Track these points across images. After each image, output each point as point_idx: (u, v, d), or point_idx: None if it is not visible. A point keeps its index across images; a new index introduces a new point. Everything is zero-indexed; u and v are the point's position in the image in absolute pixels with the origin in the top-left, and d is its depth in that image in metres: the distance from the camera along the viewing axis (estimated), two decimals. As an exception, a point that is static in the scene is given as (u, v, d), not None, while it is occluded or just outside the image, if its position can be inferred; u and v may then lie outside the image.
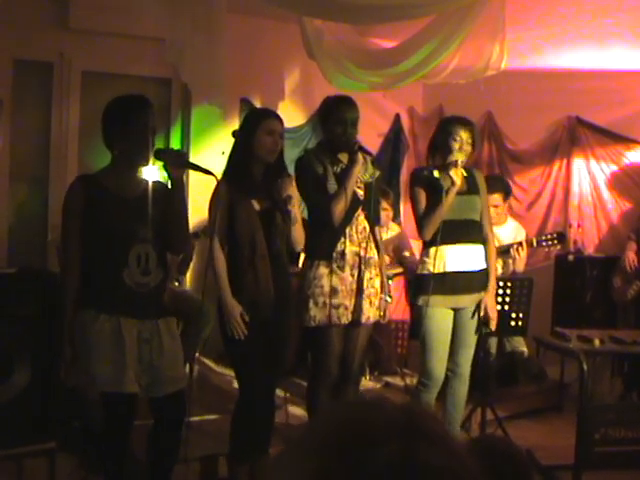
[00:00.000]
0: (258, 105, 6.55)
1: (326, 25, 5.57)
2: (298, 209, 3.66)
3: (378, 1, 4.62)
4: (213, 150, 6.28)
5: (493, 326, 4.15)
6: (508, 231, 5.55)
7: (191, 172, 6.14)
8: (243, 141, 3.64)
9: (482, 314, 4.09)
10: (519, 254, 5.13)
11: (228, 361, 3.81)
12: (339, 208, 3.78)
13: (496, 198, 5.30)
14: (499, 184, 5.44)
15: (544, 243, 5.15)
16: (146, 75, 6.16)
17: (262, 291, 3.57)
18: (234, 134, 3.67)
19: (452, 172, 3.93)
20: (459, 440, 0.83)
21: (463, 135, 4.02)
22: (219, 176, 3.43)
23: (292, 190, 3.60)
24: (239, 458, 3.70)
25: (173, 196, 3.19)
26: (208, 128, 6.40)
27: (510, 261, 5.33)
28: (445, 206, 3.95)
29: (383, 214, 5.15)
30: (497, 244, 4.62)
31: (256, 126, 3.61)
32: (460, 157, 3.97)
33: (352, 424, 0.76)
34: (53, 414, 3.54)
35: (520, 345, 5.63)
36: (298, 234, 3.68)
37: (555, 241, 5.14)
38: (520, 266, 5.34)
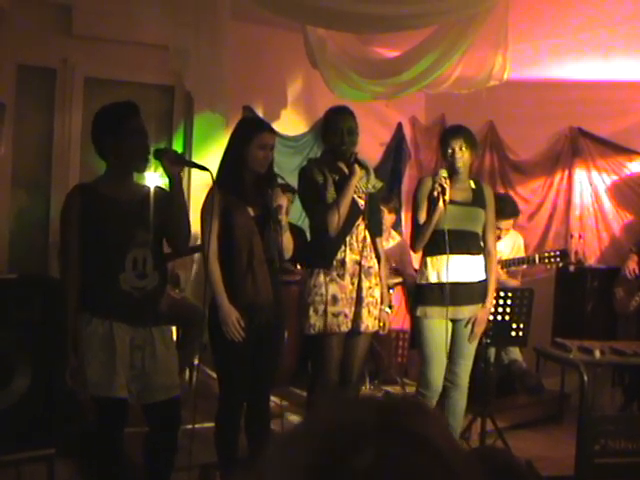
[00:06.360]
0: (260, 113, 6.57)
1: (329, 34, 5.58)
2: (286, 218, 3.66)
3: (381, 11, 4.63)
4: (215, 158, 6.28)
5: (473, 340, 4.13)
6: (507, 241, 5.56)
7: (192, 175, 6.22)
8: (235, 152, 3.62)
9: (470, 326, 4.09)
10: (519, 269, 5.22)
11: (213, 366, 3.82)
12: (334, 220, 3.78)
13: (510, 223, 5.36)
14: (510, 208, 5.41)
15: (546, 260, 5.09)
16: (149, 82, 6.18)
17: (261, 295, 3.57)
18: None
19: (438, 182, 3.95)
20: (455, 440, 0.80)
21: (453, 144, 4.05)
22: (214, 173, 3.44)
23: (282, 199, 3.60)
24: (228, 467, 3.67)
25: (172, 194, 3.20)
26: (210, 136, 6.41)
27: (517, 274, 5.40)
28: (435, 216, 3.97)
29: (385, 220, 5.18)
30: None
31: (250, 139, 3.57)
32: (445, 172, 3.99)
33: (331, 426, 0.75)
34: (52, 420, 3.53)
35: (517, 357, 5.62)
36: (287, 242, 3.67)
37: (557, 259, 5.07)
38: (515, 282, 5.36)
